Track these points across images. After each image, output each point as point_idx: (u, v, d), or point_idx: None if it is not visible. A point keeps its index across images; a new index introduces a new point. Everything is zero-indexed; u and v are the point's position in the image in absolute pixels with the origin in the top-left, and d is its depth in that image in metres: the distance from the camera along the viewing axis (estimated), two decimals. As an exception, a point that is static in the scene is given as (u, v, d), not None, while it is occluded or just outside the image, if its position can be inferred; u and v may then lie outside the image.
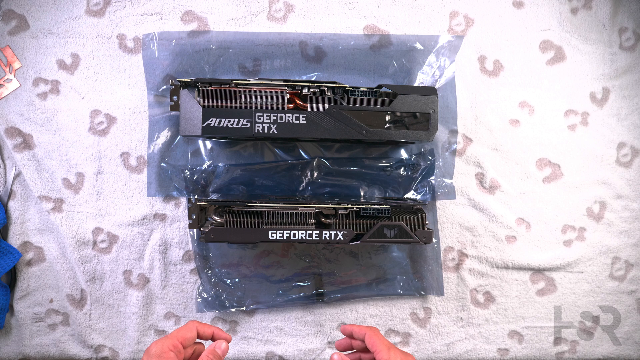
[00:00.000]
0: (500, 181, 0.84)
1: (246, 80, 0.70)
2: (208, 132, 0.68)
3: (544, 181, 0.85)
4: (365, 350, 0.65)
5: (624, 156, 0.86)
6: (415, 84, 0.81)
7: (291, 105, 0.71)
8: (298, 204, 0.72)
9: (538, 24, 0.84)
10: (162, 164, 0.81)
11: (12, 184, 0.81)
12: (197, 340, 0.63)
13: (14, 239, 0.82)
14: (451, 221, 0.85)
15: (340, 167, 0.82)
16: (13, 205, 0.81)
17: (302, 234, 0.70)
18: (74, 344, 0.83)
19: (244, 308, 0.83)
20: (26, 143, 0.81)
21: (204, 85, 0.70)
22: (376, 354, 0.61)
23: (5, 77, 0.80)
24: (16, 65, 0.81)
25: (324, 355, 0.85)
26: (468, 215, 0.85)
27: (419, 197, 0.83)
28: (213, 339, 0.64)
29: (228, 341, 0.63)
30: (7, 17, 0.80)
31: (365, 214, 0.72)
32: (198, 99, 0.70)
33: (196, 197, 0.78)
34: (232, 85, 0.70)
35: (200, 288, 0.83)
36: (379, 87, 0.73)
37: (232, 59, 0.81)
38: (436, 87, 0.81)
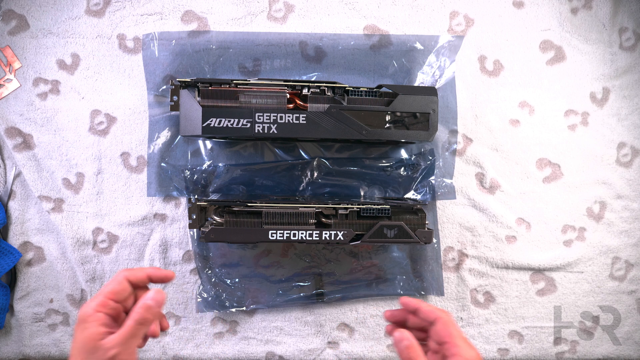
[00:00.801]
0: (500, 181, 0.84)
1: (246, 80, 0.70)
2: (208, 132, 0.68)
3: (544, 181, 0.85)
4: (421, 329, 0.57)
5: (624, 156, 0.86)
6: (415, 84, 0.81)
7: (291, 105, 0.71)
8: (298, 204, 0.72)
9: (538, 24, 0.84)
10: (162, 164, 0.81)
11: (12, 184, 0.81)
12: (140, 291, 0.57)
13: (14, 239, 0.82)
14: (451, 221, 0.85)
15: (340, 167, 0.82)
16: (13, 205, 0.81)
17: (302, 234, 0.70)
18: (74, 344, 0.83)
19: (244, 308, 0.83)
20: (26, 143, 0.81)
21: (204, 85, 0.70)
22: (451, 347, 0.51)
23: (5, 77, 0.80)
24: (16, 65, 0.81)
25: (324, 355, 0.85)
26: (468, 215, 0.85)
27: (419, 197, 0.83)
28: (154, 281, 0.57)
29: (167, 280, 0.57)
30: (7, 17, 0.80)
31: (365, 214, 0.72)
32: (198, 99, 0.70)
33: (196, 197, 0.78)
34: (232, 85, 0.70)
35: (200, 288, 0.83)
36: (379, 87, 0.73)
37: (232, 59, 0.81)
38: (436, 87, 0.81)
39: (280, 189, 0.82)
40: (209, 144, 0.82)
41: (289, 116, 0.69)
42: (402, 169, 0.83)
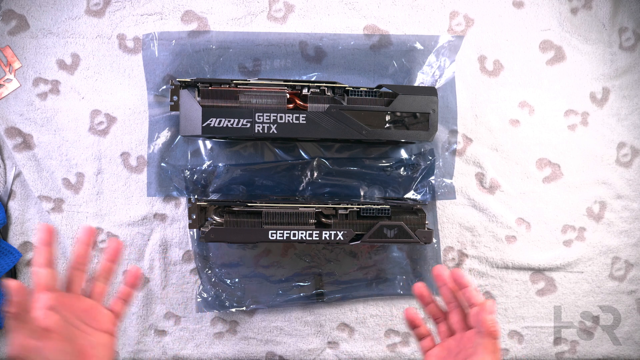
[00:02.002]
0: (500, 181, 0.84)
1: (246, 80, 0.70)
2: (208, 132, 0.68)
3: (544, 181, 0.85)
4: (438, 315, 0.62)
5: (624, 156, 0.86)
6: (415, 84, 0.81)
7: (291, 105, 0.71)
8: (298, 204, 0.72)
9: (538, 24, 0.84)
10: (162, 164, 0.81)
11: (12, 184, 0.81)
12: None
13: (14, 239, 0.82)
14: (451, 221, 0.85)
15: (340, 167, 0.82)
16: (13, 205, 0.81)
17: (302, 234, 0.70)
18: (74, 344, 0.83)
19: (244, 308, 0.83)
20: (26, 143, 0.81)
21: (204, 85, 0.70)
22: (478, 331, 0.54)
23: (5, 77, 0.80)
24: (16, 65, 0.81)
25: (324, 355, 0.85)
26: (468, 215, 0.85)
27: (419, 197, 0.83)
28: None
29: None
30: (7, 17, 0.80)
31: (365, 214, 0.72)
32: (198, 99, 0.70)
33: (196, 197, 0.78)
34: (232, 85, 0.70)
35: (200, 288, 0.83)
36: (379, 87, 0.73)
37: (232, 59, 0.81)
38: (436, 87, 0.81)
39: (280, 189, 0.82)
40: (209, 144, 0.82)
41: (289, 116, 0.69)
42: (402, 169, 0.83)
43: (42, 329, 0.50)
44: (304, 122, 0.69)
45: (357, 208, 0.72)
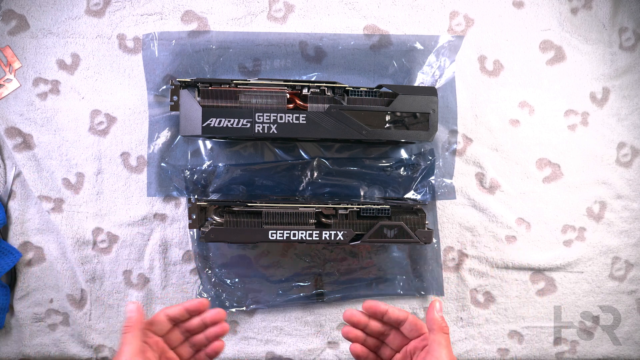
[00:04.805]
0: (500, 181, 0.85)
1: (246, 80, 0.70)
2: (208, 132, 0.68)
3: (544, 181, 0.85)
4: (378, 337, 0.60)
5: (624, 156, 0.86)
6: (415, 84, 0.81)
7: (291, 105, 0.71)
8: (298, 204, 0.72)
9: (538, 24, 0.84)
10: (162, 164, 0.81)
11: (12, 184, 0.81)
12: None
13: (14, 239, 0.82)
14: (451, 221, 0.85)
15: (340, 167, 0.82)
16: (13, 205, 0.81)
17: (302, 234, 0.70)
18: (74, 344, 0.83)
19: (244, 308, 0.83)
20: (26, 143, 0.81)
21: (204, 85, 0.70)
22: (430, 335, 0.54)
23: (5, 77, 0.81)
24: (16, 65, 0.81)
25: (324, 355, 0.85)
26: (468, 215, 0.85)
27: (419, 197, 0.83)
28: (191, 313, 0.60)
29: (203, 309, 0.60)
30: (7, 17, 0.80)
31: (365, 214, 0.72)
32: (198, 99, 0.70)
33: (196, 197, 0.78)
34: (232, 85, 0.70)
35: (200, 288, 0.83)
36: (379, 87, 0.73)
37: (232, 59, 0.81)
38: (436, 87, 0.81)
39: (280, 189, 0.82)
40: (209, 144, 0.82)
41: (289, 116, 0.69)
42: (402, 169, 0.83)
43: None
44: (304, 122, 0.69)
45: (357, 208, 0.72)
